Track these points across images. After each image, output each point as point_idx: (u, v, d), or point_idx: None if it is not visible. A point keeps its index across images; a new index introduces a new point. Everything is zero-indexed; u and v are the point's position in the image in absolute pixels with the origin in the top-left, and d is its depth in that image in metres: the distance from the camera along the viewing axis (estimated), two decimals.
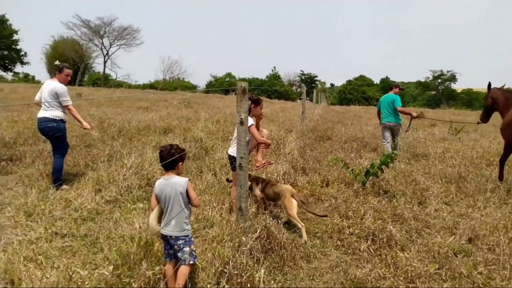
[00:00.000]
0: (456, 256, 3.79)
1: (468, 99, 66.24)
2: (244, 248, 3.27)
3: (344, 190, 5.67)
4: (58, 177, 5.44)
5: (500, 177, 6.35)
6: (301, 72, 71.04)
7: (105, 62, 55.72)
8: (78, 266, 3.18)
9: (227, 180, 5.14)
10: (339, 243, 4.11)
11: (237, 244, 3.28)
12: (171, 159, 2.98)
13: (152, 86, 58.09)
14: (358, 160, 7.45)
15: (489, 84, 6.80)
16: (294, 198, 4.45)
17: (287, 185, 4.98)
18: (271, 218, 4.03)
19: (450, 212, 5.01)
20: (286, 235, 3.86)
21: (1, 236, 3.81)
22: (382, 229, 4.16)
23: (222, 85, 63.66)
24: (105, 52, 55.36)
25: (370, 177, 5.76)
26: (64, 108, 5.50)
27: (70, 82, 5.68)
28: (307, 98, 13.21)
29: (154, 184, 5.41)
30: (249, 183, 4.82)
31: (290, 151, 7.58)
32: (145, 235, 3.39)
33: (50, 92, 5.40)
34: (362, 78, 67.36)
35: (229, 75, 70.38)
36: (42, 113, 5.42)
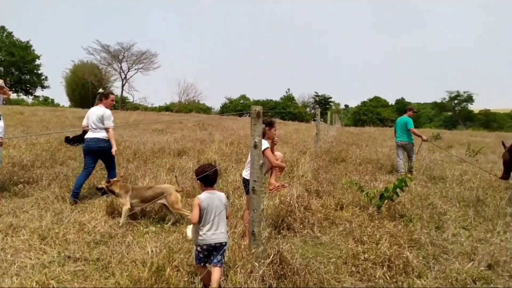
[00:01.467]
0: (475, 283, 3.66)
1: (486, 120, 65.47)
2: (256, 274, 3.22)
3: (358, 213, 5.58)
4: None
5: None
6: (315, 94, 71.20)
7: (123, 85, 56.73)
8: None
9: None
10: (353, 269, 4.00)
11: (249, 270, 3.23)
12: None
13: (167, 108, 58.80)
14: (373, 183, 7.36)
15: (502, 142, 6.99)
16: (178, 192, 5.13)
17: (165, 184, 5.67)
18: (285, 243, 3.96)
19: (469, 237, 4.85)
20: (300, 261, 3.77)
21: (15, 260, 3.83)
22: (399, 255, 4.04)
23: (237, 107, 64.28)
24: (123, 76, 56.48)
25: (386, 201, 5.66)
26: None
27: (89, 106, 6.06)
28: (321, 120, 13.19)
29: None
30: (117, 191, 5.18)
31: (303, 174, 7.53)
32: (156, 260, 3.39)
33: (98, 116, 5.94)
34: (377, 99, 67.20)
35: (243, 97, 71.18)
36: (91, 135, 5.95)
